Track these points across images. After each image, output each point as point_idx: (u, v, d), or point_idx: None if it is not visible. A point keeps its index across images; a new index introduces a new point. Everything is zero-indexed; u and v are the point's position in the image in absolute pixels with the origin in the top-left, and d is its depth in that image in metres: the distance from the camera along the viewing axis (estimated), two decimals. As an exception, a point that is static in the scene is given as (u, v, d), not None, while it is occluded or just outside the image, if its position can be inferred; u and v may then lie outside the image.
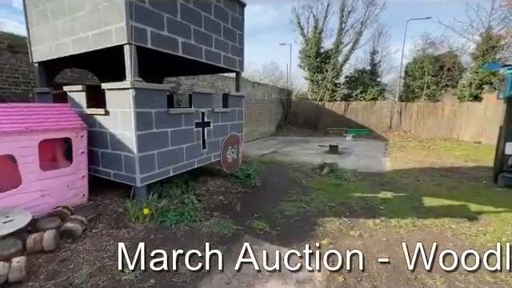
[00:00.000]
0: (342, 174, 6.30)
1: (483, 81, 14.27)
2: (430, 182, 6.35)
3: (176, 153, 3.77)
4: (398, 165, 8.43)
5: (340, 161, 8.81)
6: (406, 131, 16.17)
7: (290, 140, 13.98)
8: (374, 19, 18.88)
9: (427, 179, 6.58)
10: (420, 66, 17.08)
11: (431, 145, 12.64)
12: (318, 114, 18.04)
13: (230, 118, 5.03)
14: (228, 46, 4.73)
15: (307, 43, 19.78)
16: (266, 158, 8.58)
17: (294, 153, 10.19)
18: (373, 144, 13.15)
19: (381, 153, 10.74)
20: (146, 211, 2.98)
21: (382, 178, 6.60)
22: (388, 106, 16.71)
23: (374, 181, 6.20)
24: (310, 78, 20.40)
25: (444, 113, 15.08)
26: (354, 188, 5.38)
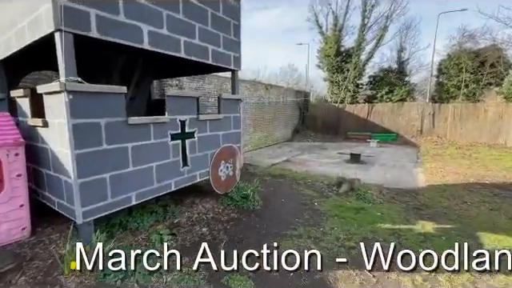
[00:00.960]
0: (364, 193, 5.12)
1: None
2: (482, 204, 4.97)
3: (141, 174, 2.91)
4: (435, 179, 7.01)
5: (362, 172, 7.58)
6: (441, 136, 14.30)
7: (306, 146, 12.81)
8: (401, 12, 17.20)
9: (476, 200, 5.20)
10: (456, 62, 15.13)
11: (473, 152, 10.85)
12: (338, 117, 16.65)
13: (224, 127, 4.10)
14: (218, 39, 3.83)
15: (326, 42, 18.49)
16: (276, 169, 7.56)
17: (310, 162, 9.05)
18: (401, 151, 11.60)
19: (411, 162, 9.28)
20: (73, 265, 2.13)
21: (416, 198, 5.31)
22: (418, 107, 14.94)
23: (407, 203, 4.94)
24: (329, 78, 19.05)
25: (487, 115, 13.08)
26: (380, 215, 4.20)
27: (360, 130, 15.67)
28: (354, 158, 9.06)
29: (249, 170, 7.32)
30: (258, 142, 12.04)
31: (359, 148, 12.15)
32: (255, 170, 7.33)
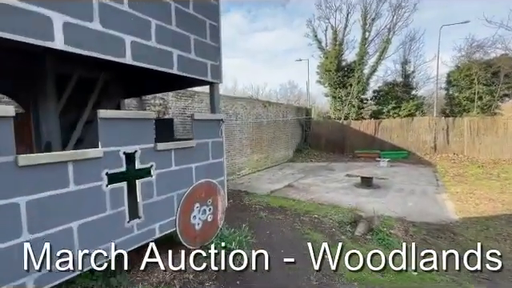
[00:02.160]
0: (388, 237, 3.93)
1: (560, 86, 11.14)
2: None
3: (48, 243, 1.84)
4: (468, 208, 5.80)
5: (378, 200, 6.40)
6: (457, 153, 13.07)
7: (310, 168, 11.66)
8: (403, 24, 16.65)
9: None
10: (467, 73, 14.25)
11: (500, 172, 9.59)
12: (343, 134, 15.59)
13: (198, 157, 3.06)
14: (187, 42, 2.90)
15: (326, 57, 17.90)
16: (275, 199, 6.40)
17: (315, 187, 7.89)
18: (416, 171, 10.39)
19: (432, 185, 8.07)
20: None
21: (454, 240, 4.12)
22: (430, 122, 13.83)
23: (445, 249, 3.74)
24: (331, 94, 18.26)
25: (508, 129, 11.93)
26: (417, 276, 3.02)
27: (368, 147, 14.53)
28: (366, 182, 7.88)
29: (243, 202, 6.19)
30: (256, 164, 10.96)
31: (369, 168, 10.97)
32: (250, 201, 6.19)
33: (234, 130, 9.67)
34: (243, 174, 9.95)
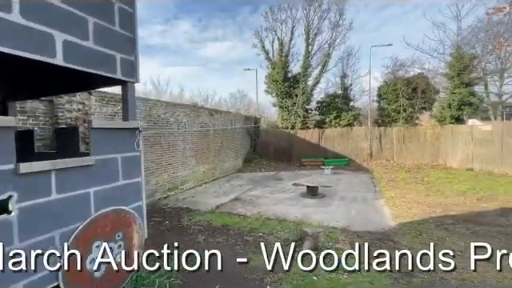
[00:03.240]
0: (332, 256, 3.69)
1: (462, 101, 13.25)
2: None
3: None
4: (401, 213, 6.12)
5: (323, 210, 6.34)
6: (389, 159, 14.46)
7: (259, 178, 11.37)
8: (341, 41, 18.07)
9: (461, 244, 4.22)
10: (393, 88, 16.05)
11: (423, 176, 10.76)
12: (290, 143, 15.89)
13: (99, 179, 2.31)
14: (83, 25, 2.19)
15: (273, 67, 18.27)
16: (220, 216, 5.79)
17: (263, 199, 7.53)
18: (357, 178, 10.99)
19: (371, 191, 8.51)
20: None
21: (394, 250, 4.12)
22: (366, 131, 15.09)
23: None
24: (278, 104, 18.61)
25: (426, 137, 13.69)
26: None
27: (313, 156, 15.04)
28: (312, 192, 7.87)
29: (181, 222, 5.42)
30: (202, 176, 10.17)
31: (314, 176, 11.21)
32: (191, 221, 5.46)
33: (176, 140, 8.79)
34: (187, 188, 9.08)
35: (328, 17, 17.81)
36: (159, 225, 5.25)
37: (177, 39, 48.71)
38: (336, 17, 17.75)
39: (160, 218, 5.61)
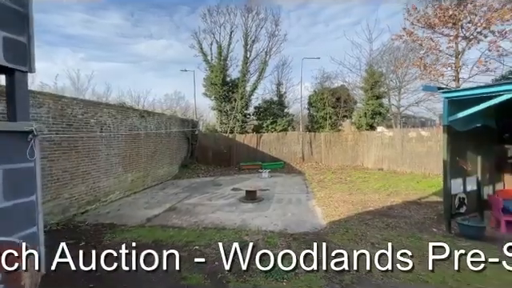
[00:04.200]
0: (272, 269, 3.72)
1: (375, 111, 15.62)
2: (386, 242, 4.59)
3: None
4: (331, 212, 6.71)
5: (261, 214, 6.44)
6: (318, 161, 15.88)
7: (197, 184, 10.90)
8: (277, 50, 19.08)
9: (380, 238, 4.85)
10: (321, 97, 17.79)
11: (346, 176, 12.17)
12: (229, 147, 15.84)
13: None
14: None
15: (212, 70, 18.01)
16: (151, 230, 5.21)
17: (201, 207, 7.19)
18: (291, 180, 11.66)
19: (304, 193, 9.11)
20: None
21: (328, 248, 4.44)
22: (299, 136, 16.26)
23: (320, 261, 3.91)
24: (217, 107, 18.42)
25: (348, 141, 15.58)
26: None
27: (252, 160, 15.35)
28: (250, 196, 7.94)
29: (101, 243, 4.66)
30: (131, 185, 9.12)
31: (253, 180, 11.41)
32: (113, 239, 4.76)
33: (99, 145, 7.64)
34: (112, 200, 7.97)
35: (265, 26, 18.62)
36: (72, 249, 4.38)
37: (105, 32, 43.24)
38: (272, 27, 18.71)
39: (73, 240, 4.70)
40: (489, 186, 6.03)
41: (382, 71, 17.04)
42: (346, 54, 27.66)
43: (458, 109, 5.08)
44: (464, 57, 10.72)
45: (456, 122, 5.22)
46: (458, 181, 5.48)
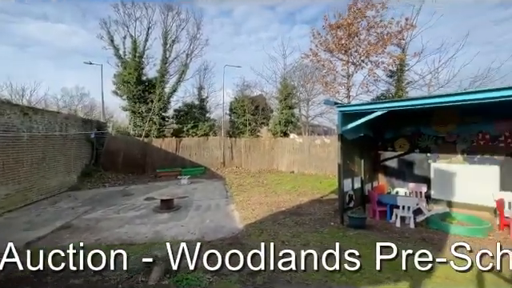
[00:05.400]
0: (186, 276, 3.57)
1: (287, 120, 17.31)
2: (295, 240, 5.12)
3: None
4: (248, 215, 7.00)
5: (177, 223, 6.18)
6: (238, 166, 16.35)
7: (102, 195, 9.48)
8: (198, 53, 18.78)
9: (289, 236, 5.35)
10: (241, 104, 18.50)
11: (263, 179, 12.96)
12: (144, 153, 14.49)
13: None
14: None
15: (125, 67, 16.21)
16: (28, 258, 4.18)
17: (106, 222, 6.29)
18: (212, 185, 11.60)
19: (223, 198, 9.20)
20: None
21: (242, 252, 4.60)
22: (220, 141, 16.38)
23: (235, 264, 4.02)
24: (130, 108, 16.63)
25: (265, 147, 16.69)
26: None
27: (170, 166, 14.48)
28: (166, 205, 7.46)
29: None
30: (5, 201, 7.17)
31: (170, 188, 10.78)
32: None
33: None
34: (-29, 223, 6.05)
35: (186, 27, 18.08)
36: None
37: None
38: (194, 29, 18.35)
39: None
40: (369, 183, 7.56)
41: (294, 84, 19.11)
42: (264, 65, 29.76)
43: (348, 121, 6.17)
44: (353, 79, 13.26)
45: (347, 132, 6.33)
46: (348, 180, 6.64)
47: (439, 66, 11.91)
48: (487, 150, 6.20)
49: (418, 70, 12.77)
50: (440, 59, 11.94)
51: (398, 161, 7.69)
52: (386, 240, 5.07)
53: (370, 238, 5.13)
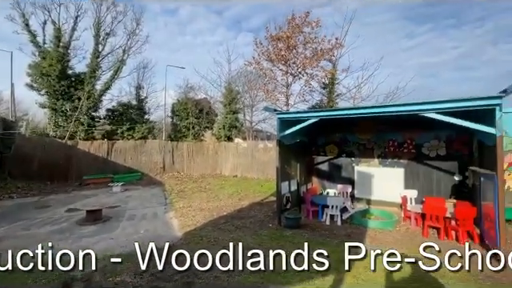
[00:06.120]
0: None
1: (231, 124, 17.44)
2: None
3: None
4: (188, 222, 6.78)
5: (106, 237, 5.61)
6: (180, 171, 15.70)
7: (6, 208, 7.89)
8: (137, 50, 17.45)
9: (226, 239, 5.38)
10: (185, 107, 17.89)
11: (206, 184, 12.73)
12: (67, 157, 12.64)
13: None
14: None
15: (44, 57, 13.95)
16: None
17: (9, 241, 5.24)
18: (149, 192, 10.84)
19: (161, 205, 8.71)
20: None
21: (178, 262, 4.42)
22: (160, 145, 15.46)
23: (172, 279, 3.83)
24: (51, 105, 14.35)
25: (209, 151, 16.45)
26: None
27: (100, 172, 12.96)
28: (93, 216, 6.66)
29: None
30: None
31: (100, 197, 9.67)
32: None
33: None
34: None
35: (124, 21, 16.64)
36: None
37: None
38: (133, 24, 17.03)
39: None
40: (304, 185, 8.18)
41: (238, 90, 19.42)
42: (209, 69, 29.31)
43: (286, 127, 6.58)
44: (292, 88, 14.25)
45: (285, 138, 6.74)
46: (286, 183, 7.06)
47: (362, 82, 13.81)
48: (395, 154, 7.42)
49: (346, 83, 14.56)
50: (363, 76, 13.85)
51: (329, 164, 8.54)
52: (317, 238, 5.59)
53: (304, 237, 5.55)
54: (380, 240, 5.44)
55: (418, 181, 7.10)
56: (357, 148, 8.07)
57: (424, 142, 7.09)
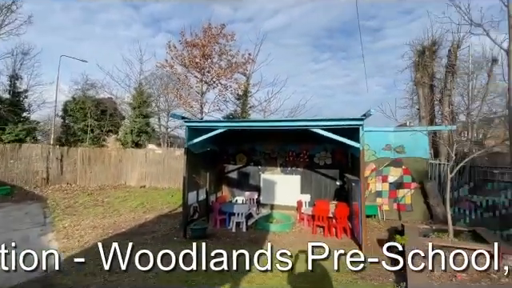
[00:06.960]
0: None
1: (141, 129, 15.91)
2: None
3: None
4: (72, 244, 5.74)
5: None
6: (70, 182, 13.15)
7: None
8: (14, 31, 13.86)
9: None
10: (82, 106, 15.27)
11: (104, 197, 11.08)
12: None
13: None
14: None
15: None
16: None
17: None
18: (21, 211, 8.61)
19: (38, 225, 7.09)
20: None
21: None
22: (43, 150, 12.58)
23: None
24: None
25: (111, 158, 14.45)
26: None
27: None
28: None
29: None
30: None
31: None
32: None
33: None
34: None
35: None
36: None
37: None
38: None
39: None
40: (213, 194, 8.22)
41: (151, 92, 18.00)
42: (115, 67, 25.85)
43: (195, 135, 6.49)
44: (206, 96, 14.26)
45: (194, 146, 6.63)
46: (193, 193, 6.92)
47: (271, 97, 15.15)
48: (294, 163, 8.41)
49: (258, 97, 15.60)
50: (272, 91, 15.20)
51: (238, 173, 8.90)
52: (220, 246, 5.66)
53: (208, 247, 5.53)
54: (277, 242, 5.98)
55: (311, 186, 8.23)
56: (263, 157, 8.74)
57: (316, 153, 8.32)
